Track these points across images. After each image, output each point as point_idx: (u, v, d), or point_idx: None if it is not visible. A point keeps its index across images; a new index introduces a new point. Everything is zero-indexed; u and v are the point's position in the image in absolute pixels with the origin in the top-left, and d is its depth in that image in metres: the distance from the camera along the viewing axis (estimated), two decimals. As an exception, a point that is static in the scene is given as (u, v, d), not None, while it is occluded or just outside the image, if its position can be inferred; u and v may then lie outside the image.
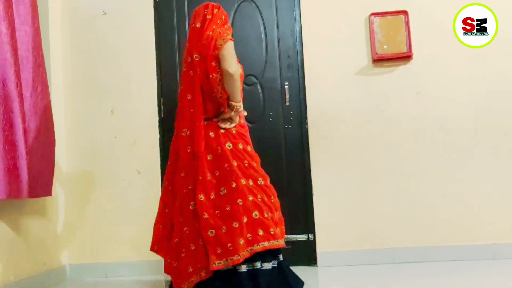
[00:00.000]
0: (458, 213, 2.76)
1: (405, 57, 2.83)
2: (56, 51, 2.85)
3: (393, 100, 2.84)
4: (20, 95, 2.26)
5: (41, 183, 2.41)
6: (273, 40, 2.95)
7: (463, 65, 2.83)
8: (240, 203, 2.08)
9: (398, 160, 2.81)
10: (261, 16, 2.96)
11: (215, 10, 2.24)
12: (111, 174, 2.86)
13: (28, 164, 2.26)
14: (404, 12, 2.83)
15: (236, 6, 2.97)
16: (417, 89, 2.83)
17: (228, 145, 2.17)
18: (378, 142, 2.82)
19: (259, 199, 2.13)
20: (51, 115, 2.56)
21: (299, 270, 2.68)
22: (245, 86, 2.93)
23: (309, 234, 2.82)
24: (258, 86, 2.93)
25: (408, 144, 2.81)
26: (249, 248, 2.04)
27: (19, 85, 2.26)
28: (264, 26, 2.95)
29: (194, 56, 2.18)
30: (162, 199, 2.30)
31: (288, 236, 2.82)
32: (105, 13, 2.94)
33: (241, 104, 2.22)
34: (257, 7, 2.96)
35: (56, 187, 2.74)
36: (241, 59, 2.92)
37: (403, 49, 2.82)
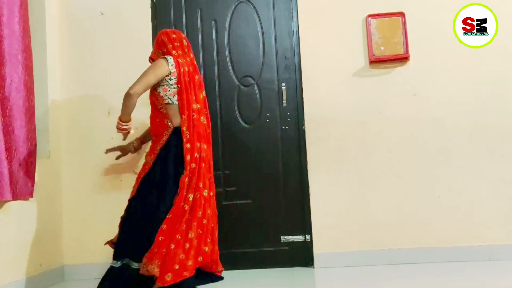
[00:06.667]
0: (454, 215, 2.76)
1: (402, 59, 2.83)
2: (53, 51, 2.84)
3: (389, 102, 2.84)
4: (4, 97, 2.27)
5: (21, 185, 2.38)
6: (270, 41, 2.94)
7: (460, 66, 2.84)
8: None
9: (394, 161, 2.81)
10: (258, 17, 2.95)
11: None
12: (108, 175, 2.85)
13: (8, 167, 2.25)
14: (401, 14, 2.84)
15: (233, 7, 2.97)
16: (413, 91, 2.84)
17: None
18: (375, 143, 2.83)
19: None
20: (34, 117, 2.53)
21: (296, 271, 2.71)
22: (242, 87, 2.94)
23: (306, 235, 2.82)
24: (255, 87, 2.92)
25: (405, 146, 2.82)
26: None
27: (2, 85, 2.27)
28: (261, 27, 2.95)
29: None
30: None
31: (285, 237, 2.83)
32: (102, 14, 2.94)
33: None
34: (254, 8, 2.96)
35: (53, 188, 2.74)
36: (238, 60, 2.95)
37: (400, 51, 2.83)
